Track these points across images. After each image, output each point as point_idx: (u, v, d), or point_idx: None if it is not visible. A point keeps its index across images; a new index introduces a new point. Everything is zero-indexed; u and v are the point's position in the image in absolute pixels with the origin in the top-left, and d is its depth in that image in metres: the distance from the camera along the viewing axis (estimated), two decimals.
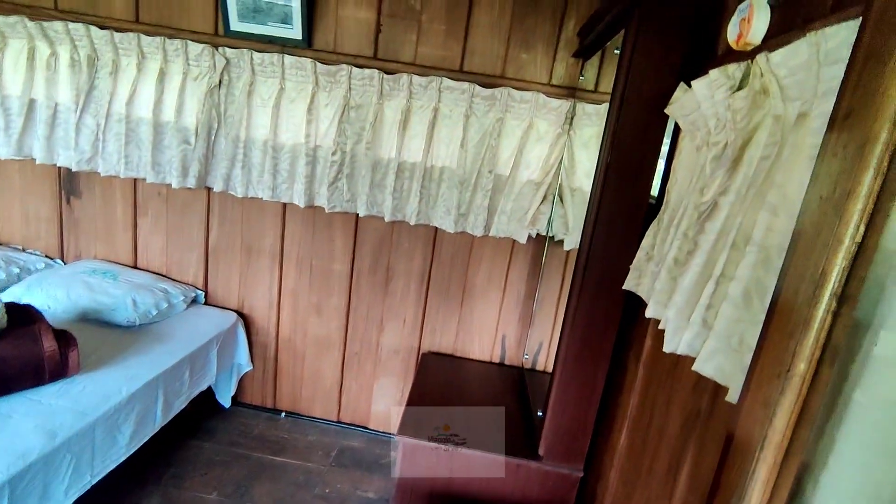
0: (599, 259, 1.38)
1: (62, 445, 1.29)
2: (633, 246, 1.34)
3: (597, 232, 1.36)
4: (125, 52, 2.03)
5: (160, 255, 2.29)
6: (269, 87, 2.00)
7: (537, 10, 1.87)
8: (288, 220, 2.19)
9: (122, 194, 2.25)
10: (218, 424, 2.24)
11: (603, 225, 1.35)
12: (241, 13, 1.94)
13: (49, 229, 2.33)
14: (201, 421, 2.23)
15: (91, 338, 1.78)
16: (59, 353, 1.45)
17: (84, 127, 2.11)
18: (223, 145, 2.07)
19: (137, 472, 1.85)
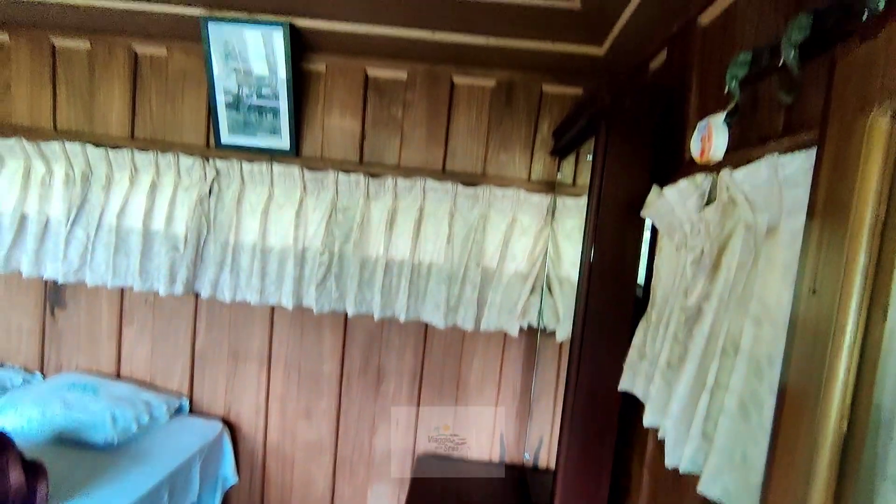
0: (591, 357, 1.36)
1: None
2: (624, 343, 1.32)
3: (586, 330, 1.35)
4: (119, 167, 2.10)
5: (145, 364, 2.23)
6: (258, 195, 2.06)
7: (513, 114, 1.99)
8: (276, 323, 2.16)
9: (109, 303, 2.22)
10: None
11: (592, 323, 1.35)
12: (231, 127, 2.04)
13: (30, 342, 2.28)
14: None
15: (64, 463, 1.67)
16: (28, 487, 1.36)
17: (74, 239, 2.12)
18: (212, 251, 2.09)
19: None
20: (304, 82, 2.02)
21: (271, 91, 1.97)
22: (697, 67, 1.21)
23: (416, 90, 2.02)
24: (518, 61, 1.92)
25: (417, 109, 2.02)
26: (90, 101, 2.15)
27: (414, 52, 1.96)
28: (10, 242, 2.14)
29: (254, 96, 1.98)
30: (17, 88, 2.17)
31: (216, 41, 1.91)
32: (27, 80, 2.17)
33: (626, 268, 1.33)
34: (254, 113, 2.01)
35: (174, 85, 2.11)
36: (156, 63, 2.12)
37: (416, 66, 1.99)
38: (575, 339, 1.38)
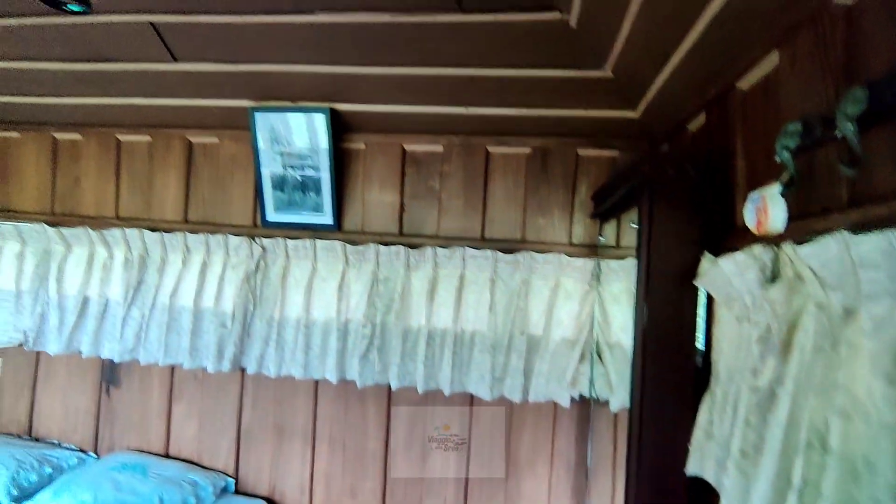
0: (652, 433, 1.26)
1: None
2: (688, 417, 1.23)
3: (645, 402, 1.26)
4: (172, 249, 2.21)
5: (192, 442, 2.24)
6: (302, 270, 2.11)
7: (549, 180, 1.99)
8: (320, 398, 2.14)
9: (160, 381, 2.27)
10: None
11: (650, 394, 1.26)
12: (276, 206, 2.13)
13: (86, 421, 2.34)
14: None
15: None
16: None
17: (130, 319, 2.22)
18: (258, 326, 2.13)
19: None
20: (344, 160, 2.11)
21: (314, 170, 2.05)
22: (740, 132, 1.18)
23: (452, 161, 2.06)
24: (552, 128, 1.95)
25: (454, 180, 2.06)
26: (149, 189, 2.30)
27: (449, 126, 2.02)
28: (73, 324, 2.26)
29: (297, 176, 2.07)
30: (86, 181, 2.36)
31: (262, 128, 2.03)
32: (95, 173, 2.35)
33: (683, 336, 1.26)
34: (297, 192, 2.10)
35: (224, 170, 2.24)
36: (208, 150, 2.26)
37: (451, 138, 2.05)
38: (634, 412, 1.29)
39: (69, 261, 2.31)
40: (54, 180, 2.40)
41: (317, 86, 1.93)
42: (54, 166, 2.40)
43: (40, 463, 2.10)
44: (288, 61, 1.89)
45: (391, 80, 1.87)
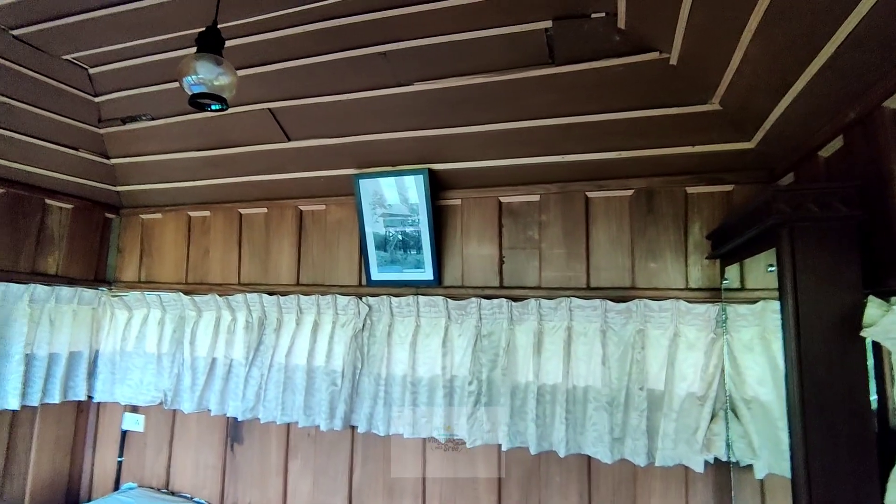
0: None
1: None
2: (871, 494, 1.02)
3: (814, 482, 1.07)
4: (287, 311, 2.36)
5: (307, 498, 2.28)
6: (405, 326, 2.14)
7: (657, 221, 1.88)
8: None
9: (277, 438, 2.37)
10: None
11: (819, 471, 1.07)
12: (380, 265, 2.21)
13: (214, 476, 2.48)
14: None
15: None
16: None
17: (251, 378, 2.36)
18: (366, 384, 2.17)
19: None
20: (442, 216, 2.15)
21: (414, 228, 2.12)
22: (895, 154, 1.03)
23: (550, 209, 2.03)
24: (656, 168, 1.86)
25: (553, 228, 2.01)
26: (266, 255, 2.50)
27: (545, 175, 2.00)
28: (202, 384, 2.46)
29: (398, 235, 2.15)
30: (214, 252, 2.62)
31: (365, 193, 2.15)
32: (221, 244, 2.62)
33: (855, 396, 1.07)
34: (399, 250, 2.16)
35: (331, 234, 2.38)
36: (316, 217, 2.43)
37: (547, 186, 2.02)
38: (800, 487, 1.11)
39: (200, 325, 2.54)
40: (188, 253, 2.70)
41: (414, 149, 2.03)
42: (188, 240, 2.71)
43: None
44: (387, 130, 2.01)
45: (485, 137, 1.91)
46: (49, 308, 2.51)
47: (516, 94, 1.76)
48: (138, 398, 2.60)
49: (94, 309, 2.74)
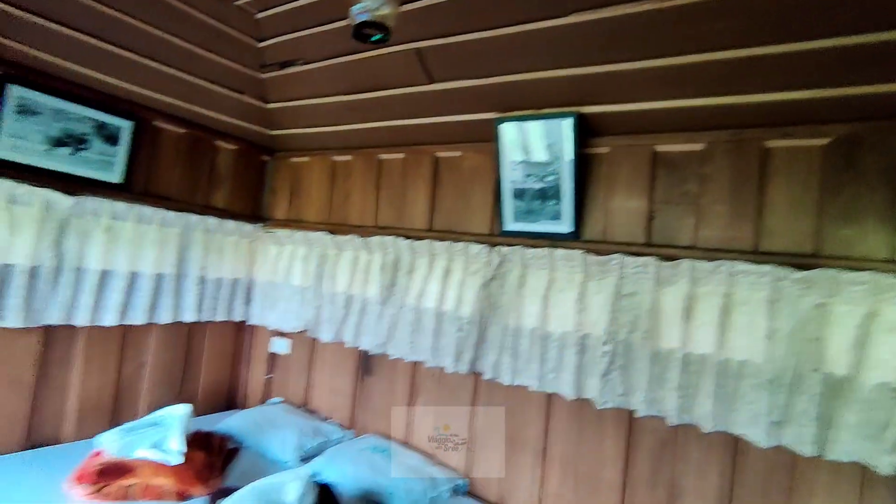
0: None
1: None
2: None
3: None
4: (420, 255, 2.41)
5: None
6: (538, 279, 2.07)
7: (858, 178, 1.56)
8: (553, 414, 2.06)
9: (404, 375, 2.49)
10: None
11: None
12: (515, 215, 2.15)
13: (345, 402, 2.70)
14: None
15: None
16: None
17: (383, 316, 2.49)
18: (494, 333, 2.16)
19: None
20: (586, 166, 2.01)
21: (554, 178, 2.01)
22: None
23: (716, 161, 1.78)
24: (865, 110, 1.53)
25: (717, 182, 1.78)
26: (401, 200, 2.57)
27: (712, 121, 1.76)
28: (340, 318, 2.64)
29: (537, 184, 2.05)
30: (354, 196, 2.76)
31: (506, 139, 2.07)
32: (360, 188, 2.74)
33: None
34: (537, 200, 2.07)
35: (466, 181, 2.36)
36: (452, 163, 2.42)
37: (716, 134, 1.77)
38: None
39: (340, 263, 2.71)
40: (331, 195, 2.87)
41: (563, 90, 1.89)
42: (332, 183, 2.88)
43: (315, 433, 2.49)
44: (535, 69, 1.89)
45: (646, 75, 1.71)
46: (217, 238, 2.85)
47: (690, 23, 1.53)
48: (284, 325, 2.89)
49: (251, 242, 3.06)
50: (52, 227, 2.16)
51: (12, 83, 2.03)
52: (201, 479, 1.95)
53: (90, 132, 2.28)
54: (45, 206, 2.13)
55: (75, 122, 2.22)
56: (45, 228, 2.14)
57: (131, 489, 1.84)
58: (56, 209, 2.17)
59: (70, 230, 2.22)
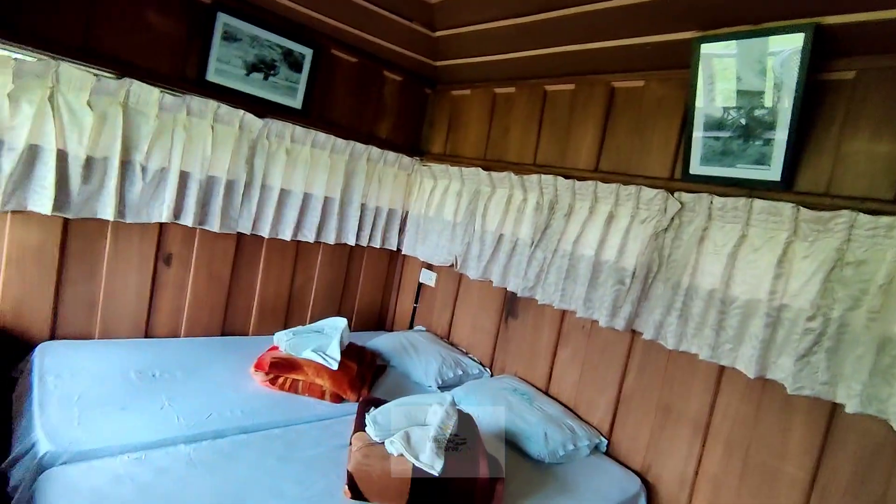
0: None
1: None
2: None
3: None
4: (581, 197, 2.21)
5: (571, 388, 2.28)
6: (725, 234, 1.75)
7: None
8: (723, 389, 1.79)
9: (550, 322, 2.38)
10: None
11: None
12: (705, 157, 1.82)
13: (487, 341, 2.70)
14: None
15: (505, 464, 1.81)
16: (490, 483, 1.49)
17: (534, 259, 2.37)
18: (660, 290, 1.92)
19: None
20: (816, 96, 1.59)
21: (767, 112, 1.63)
22: None
23: None
24: None
25: None
26: (566, 138, 2.36)
27: None
28: (488, 256, 2.59)
29: (741, 119, 1.69)
30: (514, 130, 2.62)
31: (707, 62, 1.72)
32: (521, 123, 2.58)
33: None
34: (736, 139, 1.72)
35: (646, 116, 2.06)
36: (630, 94, 2.12)
37: None
38: None
39: (492, 201, 2.64)
40: (489, 130, 2.76)
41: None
42: (490, 118, 2.76)
43: (455, 364, 2.54)
44: None
45: None
46: (378, 168, 2.96)
47: None
48: (433, 258, 2.94)
49: (408, 175, 3.13)
50: (245, 147, 2.41)
51: (221, 11, 2.23)
52: (353, 387, 2.11)
53: (279, 59, 2.45)
54: (241, 127, 2.37)
55: (267, 48, 2.40)
56: (241, 147, 2.39)
57: (297, 384, 2.06)
58: (249, 130, 2.40)
59: (259, 150, 2.46)
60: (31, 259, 2.01)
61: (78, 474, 1.32)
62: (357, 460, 1.47)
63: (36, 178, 1.92)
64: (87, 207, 2.06)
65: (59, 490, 1.25)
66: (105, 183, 2.07)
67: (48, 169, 1.91)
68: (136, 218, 2.18)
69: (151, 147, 2.14)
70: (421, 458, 1.47)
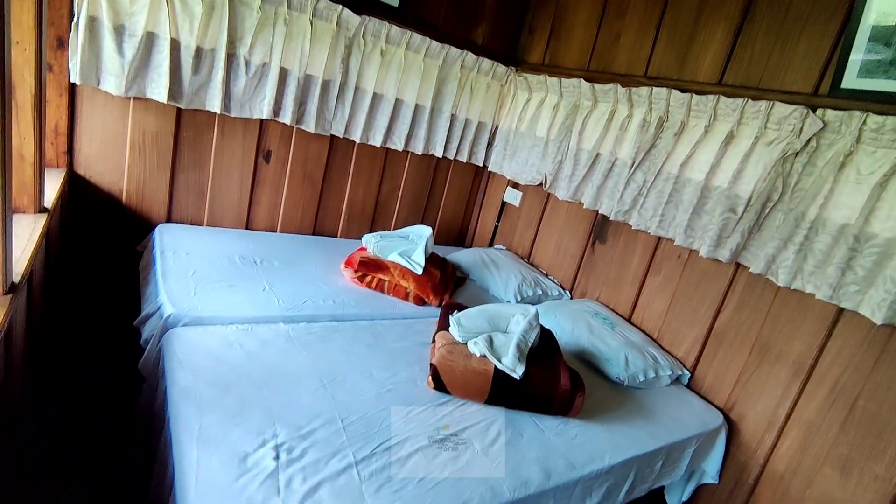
0: None
1: (551, 490, 1.29)
2: None
3: None
4: (696, 114, 1.99)
5: (657, 318, 2.19)
6: (876, 160, 1.51)
7: None
8: (838, 334, 1.63)
9: (643, 249, 2.26)
10: None
11: None
12: (865, 68, 1.54)
13: (570, 264, 2.63)
14: None
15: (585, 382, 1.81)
16: (570, 393, 1.49)
17: (633, 181, 2.21)
18: (778, 220, 1.73)
19: None
20: None
21: None
22: None
23: None
24: None
25: None
26: (687, 45, 2.09)
27: None
28: (582, 176, 2.46)
29: None
30: (625, 37, 2.36)
31: None
32: (635, 28, 2.31)
33: None
34: None
35: (794, 18, 1.75)
36: None
37: None
38: None
39: (592, 116, 2.45)
40: (596, 37, 2.51)
41: None
42: (600, 22, 2.49)
43: (535, 283, 2.52)
44: None
45: None
46: (472, 77, 2.82)
47: None
48: (521, 176, 2.84)
49: (502, 86, 2.96)
50: (342, 45, 2.37)
51: None
52: (436, 293, 2.16)
53: None
54: (339, 24, 2.31)
55: None
56: (337, 45, 2.35)
57: (384, 283, 2.14)
58: (346, 27, 2.34)
59: (355, 50, 2.41)
60: (149, 144, 2.16)
61: (196, 336, 1.48)
62: (441, 355, 1.52)
63: (153, 66, 2.02)
64: (197, 98, 2.15)
65: (182, 346, 1.41)
66: (213, 75, 2.13)
67: (163, 57, 2.00)
68: (239, 112, 2.25)
69: (254, 41, 2.15)
70: (504, 361, 1.49)
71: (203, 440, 1.09)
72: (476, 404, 1.49)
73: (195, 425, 1.13)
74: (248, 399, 1.26)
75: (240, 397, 1.26)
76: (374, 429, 1.27)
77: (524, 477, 1.26)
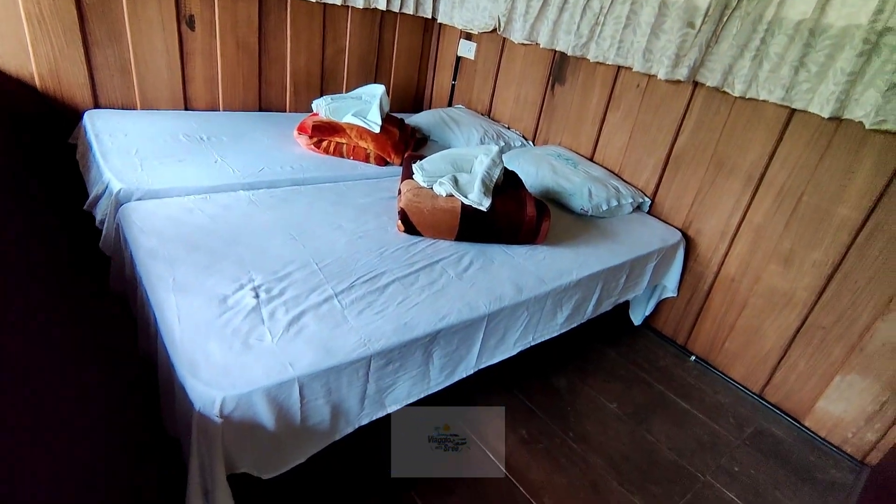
0: None
1: (524, 302, 1.38)
2: None
3: None
4: None
5: (618, 154, 2.22)
6: None
7: None
8: (788, 138, 1.68)
9: (601, 84, 2.21)
10: (624, 339, 2.14)
11: None
12: None
13: (530, 112, 2.58)
14: (608, 330, 2.17)
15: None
16: (536, 220, 1.54)
17: (588, 10, 2.10)
18: (735, 29, 1.69)
19: (551, 351, 1.94)
20: None
21: None
22: None
23: None
24: None
25: None
26: None
27: None
28: (536, 13, 2.31)
29: None
30: None
31: None
32: None
33: None
34: None
35: None
36: None
37: None
38: None
39: None
40: None
41: None
42: None
43: (497, 136, 2.48)
44: None
45: None
46: None
47: None
48: (474, 23, 2.65)
49: None
50: None
51: None
52: (397, 151, 2.11)
53: None
54: None
55: None
56: None
57: (342, 147, 2.07)
58: None
59: None
60: (48, 15, 1.89)
61: (153, 206, 1.43)
62: (408, 199, 1.52)
63: None
64: None
65: (141, 217, 1.36)
66: None
67: None
68: None
69: None
70: (470, 197, 1.51)
71: (180, 289, 1.10)
72: (447, 241, 1.53)
73: (168, 278, 1.13)
74: (218, 253, 1.26)
75: (210, 252, 1.25)
76: (349, 268, 1.30)
77: (498, 293, 1.34)
